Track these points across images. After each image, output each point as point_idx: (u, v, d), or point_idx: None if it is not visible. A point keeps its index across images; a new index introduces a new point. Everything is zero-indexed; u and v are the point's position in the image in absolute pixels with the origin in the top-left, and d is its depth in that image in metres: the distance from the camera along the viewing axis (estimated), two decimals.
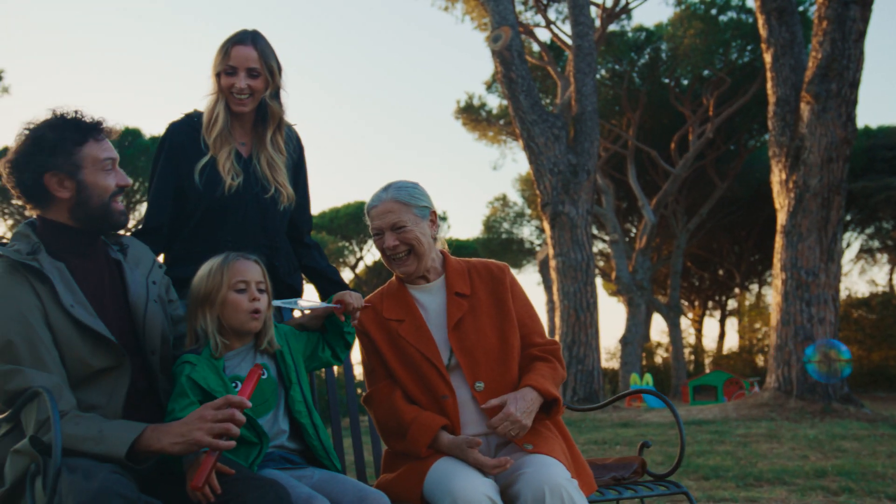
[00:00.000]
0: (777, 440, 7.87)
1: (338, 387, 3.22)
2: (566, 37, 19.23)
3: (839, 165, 11.00)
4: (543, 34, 23.05)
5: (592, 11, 16.83)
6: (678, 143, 22.00)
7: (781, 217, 11.47)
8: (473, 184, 63.95)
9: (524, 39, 18.34)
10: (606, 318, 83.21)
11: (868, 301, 24.28)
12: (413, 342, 2.55)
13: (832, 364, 10.54)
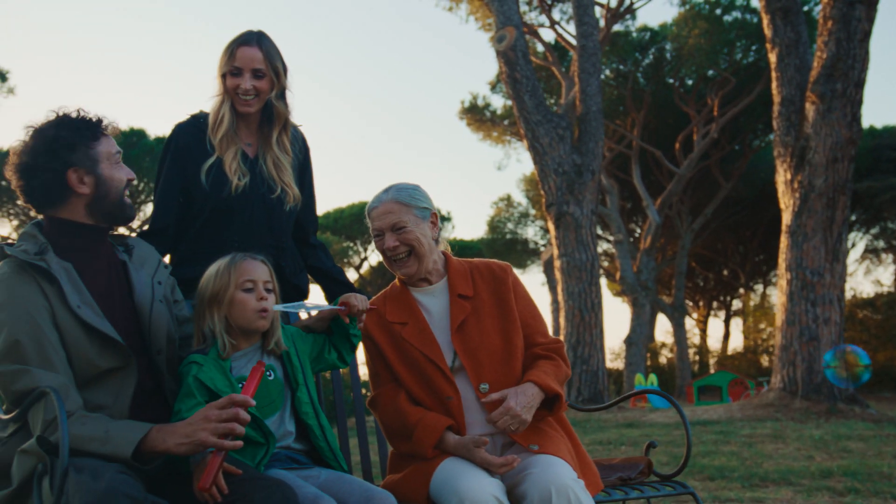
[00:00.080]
0: (782, 440, 7.86)
1: (343, 387, 3.22)
2: (570, 37, 19.28)
3: (844, 165, 10.96)
4: (548, 34, 23.01)
5: (597, 11, 16.81)
6: (683, 144, 21.98)
7: (786, 217, 11.44)
8: (478, 184, 64.04)
9: (528, 40, 18.32)
10: (611, 319, 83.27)
11: (873, 301, 24.25)
12: (417, 345, 2.55)
13: (851, 369, 10.51)
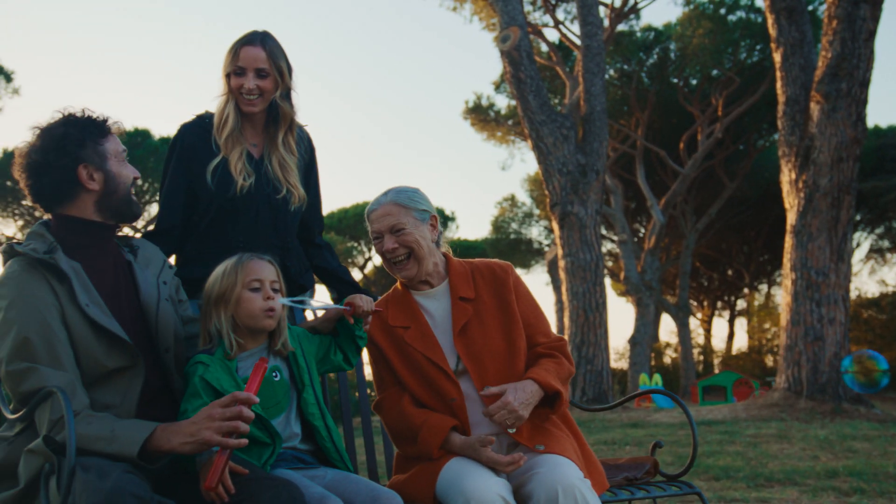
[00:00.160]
0: (787, 441, 7.84)
1: (349, 387, 3.22)
2: (575, 37, 19.21)
3: (849, 165, 10.94)
4: (552, 34, 23.02)
5: (601, 11, 16.80)
6: (687, 143, 21.94)
7: (791, 217, 11.42)
8: (482, 184, 63.98)
9: (533, 39, 18.33)
10: (615, 319, 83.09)
11: (878, 301, 24.17)
12: (420, 348, 2.55)
13: (870, 374, 10.49)
